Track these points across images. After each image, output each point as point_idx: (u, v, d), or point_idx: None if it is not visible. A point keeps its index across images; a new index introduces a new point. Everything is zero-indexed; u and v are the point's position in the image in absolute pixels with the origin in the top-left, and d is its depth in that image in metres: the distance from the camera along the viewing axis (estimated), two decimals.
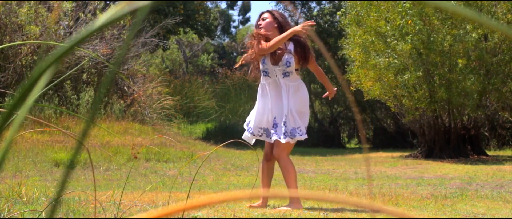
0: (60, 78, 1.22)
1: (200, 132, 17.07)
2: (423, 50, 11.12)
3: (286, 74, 4.79)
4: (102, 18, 0.45)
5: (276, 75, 4.80)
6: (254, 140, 4.90)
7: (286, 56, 4.79)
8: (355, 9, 12.06)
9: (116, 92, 12.98)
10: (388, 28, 11.44)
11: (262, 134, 4.87)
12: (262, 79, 4.87)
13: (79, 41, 0.45)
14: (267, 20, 4.86)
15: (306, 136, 4.85)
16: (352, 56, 12.63)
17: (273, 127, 4.78)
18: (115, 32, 12.69)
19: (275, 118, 4.78)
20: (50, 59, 0.45)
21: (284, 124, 4.73)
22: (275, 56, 4.81)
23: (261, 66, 4.85)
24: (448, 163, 10.81)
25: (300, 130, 4.78)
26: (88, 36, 0.44)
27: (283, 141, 4.74)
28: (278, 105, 4.80)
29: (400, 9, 11.15)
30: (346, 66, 14.15)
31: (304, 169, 10.04)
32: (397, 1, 11.35)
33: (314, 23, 4.81)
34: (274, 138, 4.75)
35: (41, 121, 1.09)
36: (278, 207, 4.68)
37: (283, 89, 4.78)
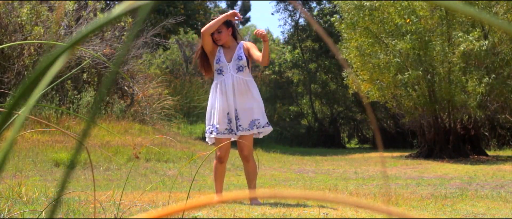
0: (62, 79, 1.21)
1: (200, 132, 17.06)
2: (421, 51, 11.13)
3: (239, 69, 5.03)
4: (105, 16, 0.45)
5: (230, 71, 5.03)
6: (213, 141, 5.09)
7: (236, 51, 5.07)
8: (350, 13, 12.04)
9: (116, 92, 12.98)
10: (385, 29, 11.46)
11: (226, 132, 5.00)
12: (216, 78, 5.09)
13: (81, 39, 0.45)
14: (222, 33, 5.08)
15: (270, 128, 5.10)
16: (349, 60, 12.65)
17: (236, 120, 5.01)
18: (116, 33, 12.69)
19: (236, 110, 5.00)
20: (49, 58, 0.45)
21: (239, 118, 4.98)
22: (228, 54, 5.09)
23: (216, 66, 5.07)
24: (448, 163, 10.81)
25: (259, 122, 5.02)
26: (89, 34, 0.44)
27: (247, 133, 4.98)
28: (231, 100, 5.01)
29: (399, 8, 11.16)
30: (343, 72, 14.15)
31: (304, 169, 10.03)
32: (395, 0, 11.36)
33: (236, 13, 5.05)
34: (240, 133, 4.97)
35: (41, 120, 1.09)
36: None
37: (235, 86, 5.00)
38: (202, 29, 5.04)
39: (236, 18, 5.05)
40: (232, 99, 4.99)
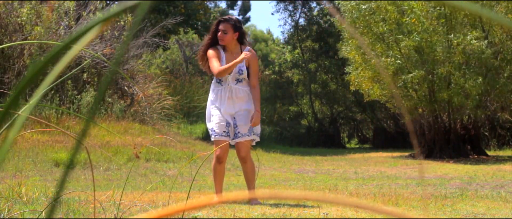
0: (62, 79, 1.21)
1: (200, 132, 17.08)
2: (426, 50, 11.12)
3: (238, 81, 5.04)
4: (98, 16, 0.45)
5: (229, 83, 5.02)
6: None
7: (239, 64, 5.00)
8: (351, 13, 12.04)
9: (116, 92, 12.98)
10: (386, 28, 11.46)
11: (225, 134, 5.01)
12: (214, 85, 5.10)
13: (72, 41, 0.44)
14: (227, 35, 5.00)
15: (258, 138, 5.14)
16: (350, 58, 12.64)
17: (234, 127, 5.02)
18: (115, 33, 12.69)
19: (234, 118, 5.01)
20: (45, 59, 0.45)
21: (237, 126, 5.00)
22: (230, 61, 5.02)
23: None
24: (448, 163, 10.81)
25: (255, 130, 5.06)
26: (83, 35, 0.44)
27: (247, 138, 4.99)
28: (230, 109, 5.02)
29: (406, 7, 11.14)
30: (345, 67, 14.15)
31: (304, 169, 10.03)
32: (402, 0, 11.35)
33: (250, 53, 5.00)
34: (238, 139, 4.99)
35: (41, 121, 1.08)
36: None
37: (233, 96, 5.01)
38: (216, 72, 4.94)
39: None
40: (230, 108, 5.01)
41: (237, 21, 5.08)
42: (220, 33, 5.01)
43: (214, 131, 5.01)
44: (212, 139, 5.06)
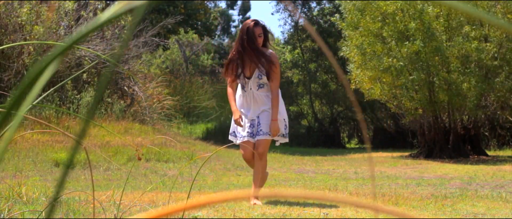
0: (65, 81, 1.21)
1: (200, 132, 17.08)
2: (428, 55, 11.12)
3: (260, 86, 5.08)
4: (101, 17, 0.45)
5: (251, 88, 5.06)
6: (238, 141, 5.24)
7: (257, 70, 5.05)
8: (350, 13, 12.05)
9: (116, 92, 12.97)
10: (386, 29, 11.45)
11: (249, 135, 5.09)
12: (240, 90, 5.17)
13: (76, 41, 0.44)
14: (262, 37, 5.05)
15: (287, 139, 5.23)
16: (350, 58, 12.65)
17: (257, 125, 5.09)
18: (116, 31, 12.69)
19: (258, 117, 5.08)
20: (47, 59, 0.45)
21: (260, 123, 5.06)
22: (248, 72, 5.09)
23: (238, 80, 5.13)
24: (448, 163, 10.81)
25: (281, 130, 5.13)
26: (86, 36, 0.44)
27: (267, 137, 5.05)
28: (255, 113, 5.09)
29: (414, 10, 11.11)
30: (346, 66, 14.15)
31: (304, 169, 10.03)
32: (413, 2, 11.33)
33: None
34: (259, 137, 5.04)
35: (41, 121, 1.08)
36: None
37: (256, 101, 5.07)
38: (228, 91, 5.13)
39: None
40: (256, 112, 5.07)
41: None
42: (259, 37, 4.99)
43: (239, 133, 5.09)
44: (237, 142, 5.08)
